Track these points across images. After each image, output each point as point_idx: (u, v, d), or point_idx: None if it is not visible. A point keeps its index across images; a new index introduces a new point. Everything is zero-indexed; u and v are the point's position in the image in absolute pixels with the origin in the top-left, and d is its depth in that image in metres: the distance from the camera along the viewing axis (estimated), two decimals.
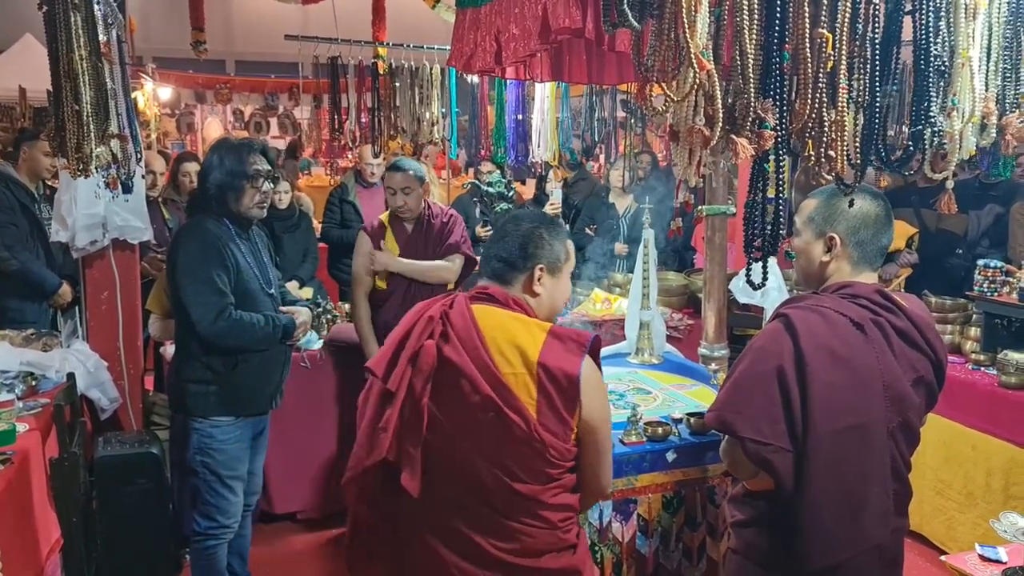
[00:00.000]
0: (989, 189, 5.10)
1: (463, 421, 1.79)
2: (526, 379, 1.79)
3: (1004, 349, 3.79)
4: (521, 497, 1.80)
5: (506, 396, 1.77)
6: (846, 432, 1.87)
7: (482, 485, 1.79)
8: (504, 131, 5.32)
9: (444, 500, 1.82)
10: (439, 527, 1.83)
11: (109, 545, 3.40)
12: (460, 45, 3.29)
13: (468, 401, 1.79)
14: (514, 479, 1.79)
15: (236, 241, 3.00)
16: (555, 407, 1.79)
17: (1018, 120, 1.85)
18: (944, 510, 3.92)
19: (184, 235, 2.96)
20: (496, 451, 1.78)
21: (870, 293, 1.97)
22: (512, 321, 1.87)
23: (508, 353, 1.80)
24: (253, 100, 11.07)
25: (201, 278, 2.86)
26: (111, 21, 2.72)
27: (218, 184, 2.93)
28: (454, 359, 1.79)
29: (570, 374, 1.79)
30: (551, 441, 1.79)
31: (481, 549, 1.81)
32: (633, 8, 1.52)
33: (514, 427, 1.76)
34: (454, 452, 1.80)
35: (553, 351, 1.81)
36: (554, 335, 1.84)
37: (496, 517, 1.81)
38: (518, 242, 1.97)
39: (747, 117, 1.54)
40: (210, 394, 2.99)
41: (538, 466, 1.81)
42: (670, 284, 5.12)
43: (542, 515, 1.83)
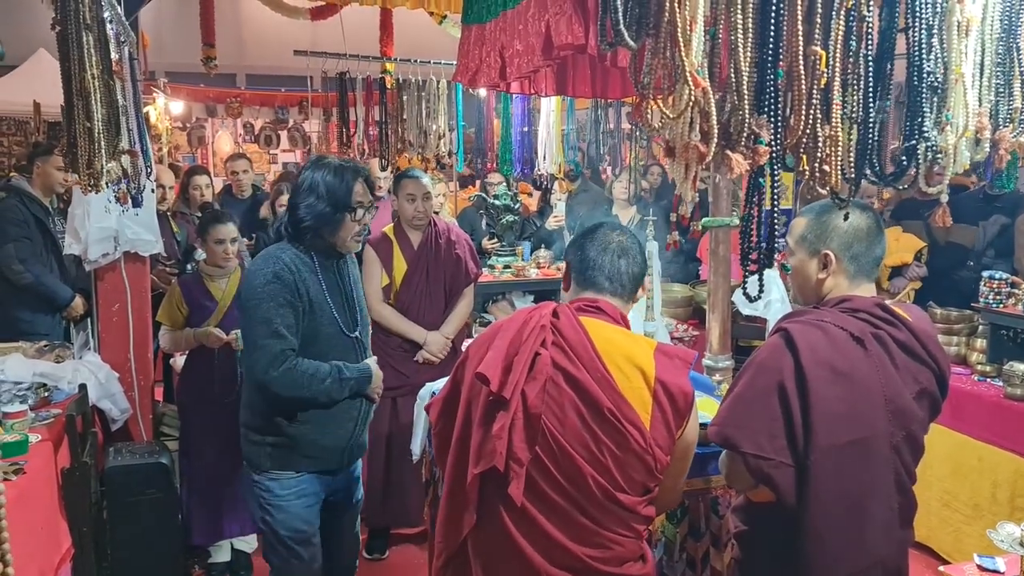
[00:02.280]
0: (994, 200, 5.10)
1: (575, 432, 1.79)
2: (644, 394, 1.81)
3: (1010, 360, 3.79)
4: (621, 507, 1.82)
5: (625, 409, 1.79)
6: (848, 447, 1.88)
7: (586, 494, 1.80)
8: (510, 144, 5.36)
9: (541, 505, 1.82)
10: (533, 532, 1.82)
11: (119, 555, 3.43)
12: (466, 61, 3.34)
13: (583, 412, 1.79)
14: (619, 489, 1.81)
15: (318, 275, 2.66)
16: (667, 422, 1.83)
17: (1011, 134, 1.87)
18: (951, 522, 3.91)
19: (255, 266, 2.64)
20: (606, 462, 1.79)
21: (870, 307, 1.98)
22: (622, 336, 1.89)
23: (625, 368, 1.82)
24: (264, 113, 11.15)
25: (258, 317, 2.55)
26: (123, 39, 2.78)
27: (316, 215, 2.61)
28: (570, 370, 1.80)
29: (687, 392, 1.84)
30: (659, 455, 1.83)
31: (572, 555, 1.82)
32: (629, 28, 1.56)
33: (631, 439, 1.78)
34: (562, 461, 1.80)
35: (667, 368, 1.84)
36: (662, 352, 1.88)
37: (593, 526, 1.82)
38: (638, 260, 2.01)
39: (742, 133, 1.57)
40: (266, 445, 2.70)
41: (642, 478, 1.84)
42: (675, 296, 5.14)
43: (634, 525, 1.87)
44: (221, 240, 3.79)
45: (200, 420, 3.83)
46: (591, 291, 1.98)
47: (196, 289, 3.84)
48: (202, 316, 3.80)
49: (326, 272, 2.69)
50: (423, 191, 4.02)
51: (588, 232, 2.05)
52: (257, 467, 2.71)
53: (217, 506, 3.84)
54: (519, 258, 5.58)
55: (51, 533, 2.89)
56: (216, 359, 3.78)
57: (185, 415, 3.91)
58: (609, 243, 1.99)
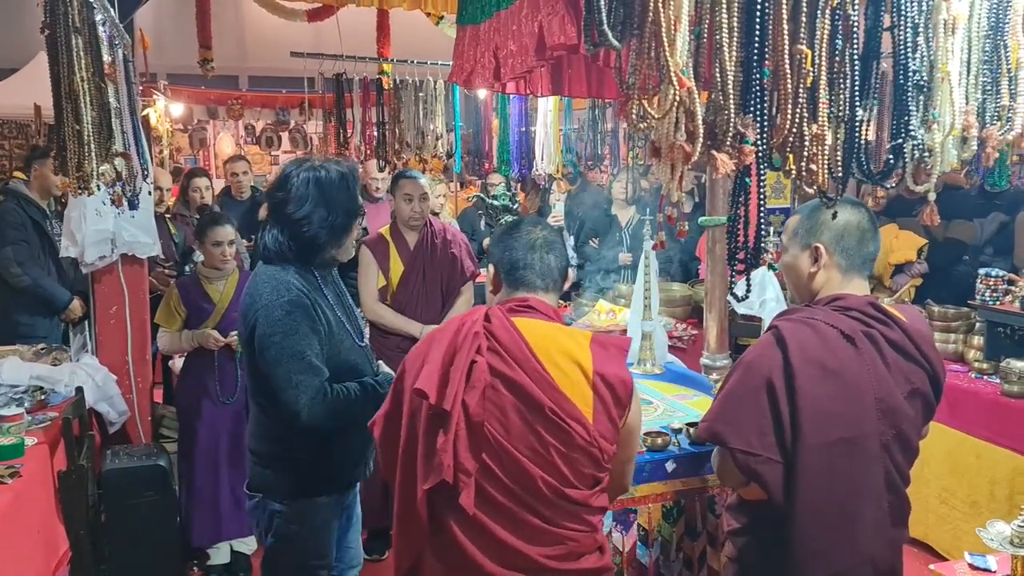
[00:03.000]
0: (993, 198, 5.09)
1: (519, 434, 1.80)
2: (583, 388, 1.82)
3: (1007, 358, 3.78)
4: (572, 503, 1.83)
5: (566, 406, 1.79)
6: (837, 444, 1.89)
7: (536, 495, 1.80)
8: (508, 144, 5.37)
9: (491, 511, 1.82)
10: (485, 540, 1.82)
11: (117, 558, 3.44)
12: (461, 61, 3.34)
13: (525, 414, 1.79)
14: (567, 485, 1.81)
15: (323, 292, 2.49)
16: (609, 413, 1.83)
17: (998, 133, 1.87)
18: (949, 519, 3.91)
19: (267, 298, 2.36)
20: (553, 460, 1.80)
21: (862, 305, 1.99)
22: (557, 332, 1.89)
23: (563, 364, 1.83)
24: (265, 115, 11.16)
25: (289, 352, 2.31)
26: (117, 42, 2.78)
27: (331, 229, 2.42)
28: (508, 373, 1.80)
29: (625, 380, 1.85)
30: (605, 446, 1.83)
31: (526, 557, 1.82)
32: (614, 28, 1.56)
33: (575, 435, 1.79)
34: (509, 465, 1.80)
35: (604, 359, 1.85)
36: (598, 343, 1.88)
37: (546, 526, 1.82)
38: (563, 253, 2.02)
39: (727, 133, 1.57)
40: (287, 472, 2.48)
41: (591, 470, 1.84)
42: (674, 295, 5.13)
43: (587, 519, 1.87)
44: (219, 242, 3.80)
45: (199, 422, 3.83)
46: (523, 290, 1.97)
47: (194, 291, 3.85)
48: (200, 318, 3.81)
49: (327, 287, 2.54)
50: (420, 192, 4.03)
51: (509, 231, 2.04)
52: (278, 495, 2.48)
53: (216, 508, 3.85)
54: None
55: (48, 536, 2.90)
56: (215, 361, 3.79)
57: (184, 417, 3.92)
58: (535, 240, 1.98)
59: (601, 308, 4.93)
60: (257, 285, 2.41)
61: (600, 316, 4.86)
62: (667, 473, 2.77)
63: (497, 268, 2.04)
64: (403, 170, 4.37)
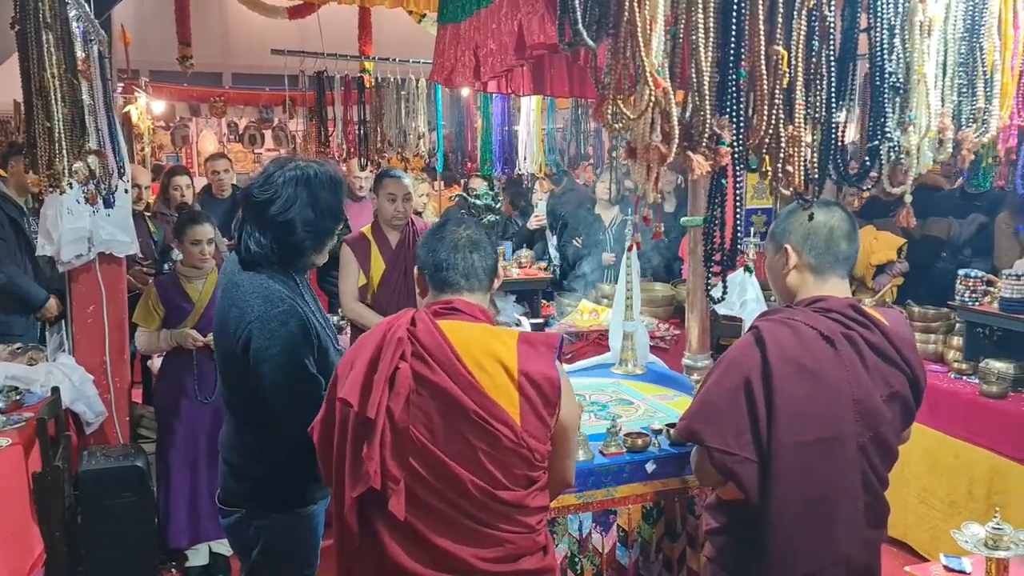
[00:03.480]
0: (973, 199, 5.12)
1: (446, 438, 1.79)
2: (509, 389, 1.80)
3: (986, 358, 3.81)
4: (506, 505, 1.81)
5: (491, 408, 1.77)
6: (813, 444, 1.89)
7: (467, 498, 1.79)
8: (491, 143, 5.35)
9: (425, 517, 1.81)
10: (420, 544, 1.82)
11: (94, 559, 3.40)
12: (441, 60, 3.32)
13: (451, 418, 1.78)
14: (499, 487, 1.80)
15: (304, 297, 2.39)
16: (537, 412, 1.82)
17: (974, 135, 1.87)
18: (928, 519, 3.93)
19: (259, 310, 2.23)
20: (482, 463, 1.78)
21: (843, 307, 1.99)
22: (482, 333, 1.87)
23: (487, 366, 1.81)
24: (248, 113, 11.10)
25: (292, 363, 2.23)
26: (92, 38, 2.75)
27: (316, 231, 2.33)
28: (432, 378, 1.78)
29: (551, 378, 1.82)
30: (535, 446, 1.82)
31: (464, 562, 1.81)
32: (589, 27, 1.55)
33: (502, 438, 1.77)
34: (437, 470, 1.79)
35: (529, 357, 1.83)
36: (525, 341, 1.86)
37: (480, 528, 1.81)
38: (489, 252, 1.99)
39: (703, 134, 1.56)
40: (279, 484, 2.38)
41: (522, 471, 1.83)
42: (656, 295, 5.14)
43: (523, 520, 1.85)
44: (197, 241, 3.77)
45: (177, 422, 3.80)
46: (448, 292, 1.95)
47: (173, 290, 3.82)
48: (179, 317, 3.78)
49: (307, 291, 2.45)
50: (404, 192, 4.00)
51: (435, 232, 2.02)
52: (264, 509, 2.38)
53: (194, 509, 3.82)
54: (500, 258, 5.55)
55: (21, 538, 2.87)
56: (193, 360, 3.76)
57: (162, 417, 3.89)
58: (459, 240, 1.96)
59: (584, 308, 4.93)
60: (245, 296, 2.27)
61: (583, 316, 4.86)
62: (647, 474, 2.77)
63: (422, 270, 2.02)
64: (386, 169, 4.34)
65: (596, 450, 2.76)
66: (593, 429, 2.90)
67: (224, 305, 2.34)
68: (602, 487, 2.73)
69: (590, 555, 2.78)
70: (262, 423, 2.35)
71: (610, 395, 3.44)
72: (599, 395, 3.44)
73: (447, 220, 2.09)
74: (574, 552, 2.72)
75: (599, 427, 2.90)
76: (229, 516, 2.44)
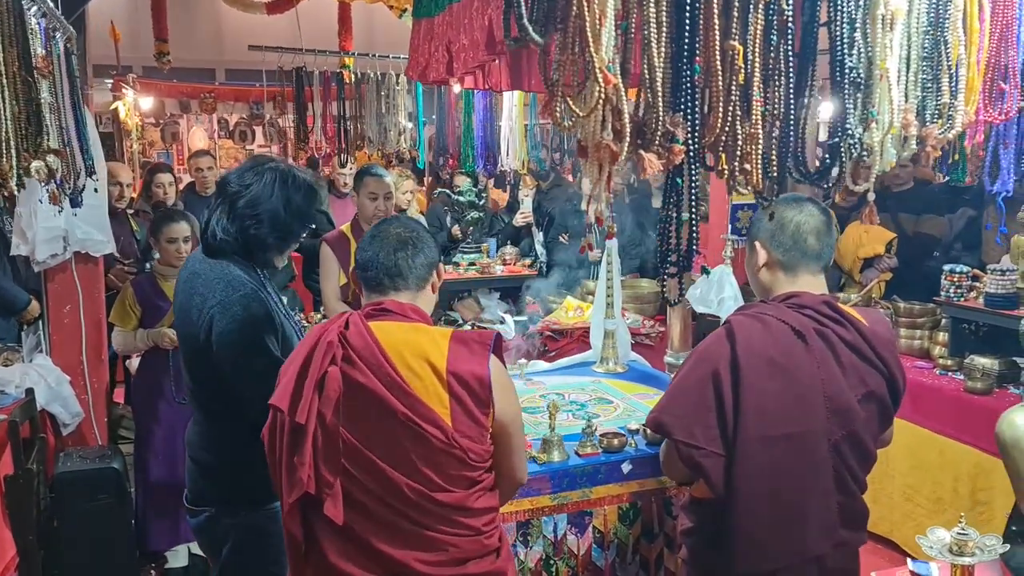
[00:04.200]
0: (961, 193, 5.07)
1: (377, 441, 1.78)
2: (437, 389, 1.78)
3: (971, 354, 3.78)
4: (445, 507, 1.80)
5: (420, 410, 1.76)
6: (780, 440, 1.87)
7: (404, 501, 1.78)
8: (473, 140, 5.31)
9: (365, 522, 1.80)
10: (363, 549, 1.81)
11: (70, 563, 3.38)
12: (416, 55, 3.29)
13: (381, 421, 1.77)
14: (436, 489, 1.78)
15: (267, 288, 2.41)
16: (469, 411, 1.80)
17: (938, 131, 1.83)
18: (913, 516, 3.90)
19: (222, 294, 2.26)
20: (416, 465, 1.77)
21: (816, 303, 1.96)
22: (413, 333, 1.85)
23: (415, 366, 1.79)
24: (239, 109, 11.03)
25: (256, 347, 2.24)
26: (58, 34, 2.70)
27: (284, 230, 2.36)
28: (361, 381, 1.77)
29: (480, 376, 1.79)
30: (469, 446, 1.80)
31: (407, 567, 1.79)
32: (536, 22, 1.51)
33: (432, 440, 1.76)
34: (372, 473, 1.78)
35: (460, 356, 1.81)
36: (457, 340, 1.84)
37: (420, 531, 1.80)
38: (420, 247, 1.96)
39: (656, 132, 1.52)
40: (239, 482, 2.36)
41: (459, 472, 1.81)
42: (642, 291, 5.10)
43: (466, 522, 1.83)
44: (174, 239, 3.74)
45: (155, 422, 3.77)
46: (377, 293, 1.94)
47: (150, 289, 3.79)
48: (156, 317, 3.75)
49: (269, 284, 2.47)
50: (385, 190, 3.97)
51: (370, 232, 2.01)
52: (233, 507, 2.37)
53: (174, 510, 3.77)
54: (484, 255, 5.52)
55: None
56: (170, 360, 3.73)
57: (139, 418, 3.86)
58: (387, 238, 1.94)
59: (569, 305, 4.90)
60: (206, 283, 2.29)
61: (568, 313, 4.83)
62: (623, 475, 2.74)
63: (355, 271, 2.03)
64: (368, 166, 4.29)
65: (572, 451, 2.73)
66: (569, 429, 2.87)
67: (185, 296, 2.35)
68: (577, 488, 2.70)
69: (565, 557, 2.75)
70: (229, 418, 2.35)
71: (590, 394, 3.41)
72: (578, 394, 3.41)
73: (385, 219, 2.08)
74: (549, 554, 2.70)
75: (576, 427, 2.87)
76: (198, 516, 2.44)
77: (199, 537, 2.55)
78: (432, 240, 2.01)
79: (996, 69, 1.92)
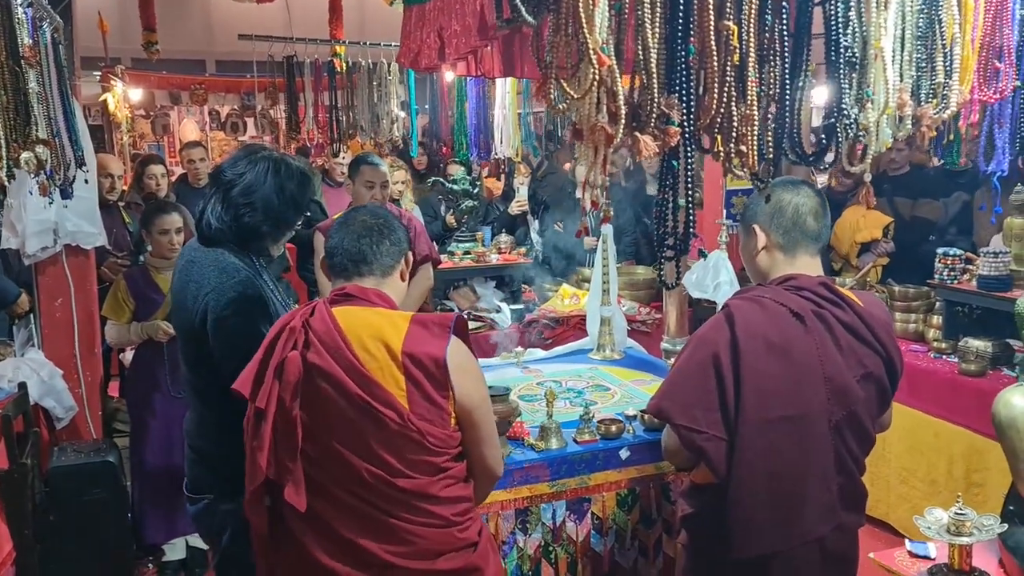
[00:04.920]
0: (956, 177, 5.07)
1: (336, 425, 1.78)
2: (393, 370, 1.78)
3: (965, 337, 3.78)
4: (406, 493, 1.79)
5: (374, 391, 1.76)
6: (781, 422, 1.86)
7: (365, 486, 1.77)
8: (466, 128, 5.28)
9: (331, 509, 1.80)
10: (331, 538, 1.80)
11: (67, 557, 3.36)
12: (408, 42, 3.26)
13: (338, 404, 1.77)
14: (396, 475, 1.78)
15: (263, 277, 2.40)
16: (426, 394, 1.79)
17: (933, 111, 1.82)
18: (909, 498, 3.92)
19: (215, 280, 2.26)
20: (373, 448, 1.77)
21: (814, 285, 1.96)
22: (374, 316, 1.86)
23: (372, 348, 1.79)
24: (230, 100, 10.96)
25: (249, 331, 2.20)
26: (44, 23, 2.67)
27: (278, 218, 2.36)
28: (319, 363, 1.77)
29: (436, 357, 1.79)
30: (427, 429, 1.79)
31: (375, 556, 1.79)
32: (528, 3, 1.49)
33: (387, 421, 1.75)
34: (332, 458, 1.78)
35: (417, 338, 1.81)
36: (417, 322, 1.84)
37: (384, 518, 1.79)
38: (386, 234, 1.97)
39: (651, 113, 1.51)
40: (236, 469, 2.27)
41: (420, 457, 1.80)
42: (638, 278, 5.10)
43: (433, 511, 1.82)
44: (166, 230, 3.71)
45: (150, 416, 3.75)
46: (342, 279, 1.95)
47: (143, 282, 3.76)
48: (150, 310, 3.73)
49: (266, 273, 2.45)
50: (382, 179, 3.96)
51: (340, 219, 2.03)
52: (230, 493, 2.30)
53: (170, 503, 3.76)
54: (479, 243, 5.50)
55: None
56: (165, 353, 3.71)
57: (134, 411, 3.84)
58: (352, 225, 1.96)
59: (565, 292, 4.90)
60: (201, 270, 2.29)
61: (564, 301, 4.83)
62: (621, 461, 2.74)
63: (323, 259, 2.03)
64: (364, 155, 4.27)
65: (570, 438, 2.73)
66: (567, 416, 2.87)
67: (180, 284, 2.36)
68: (575, 475, 2.70)
69: (564, 543, 2.76)
70: (225, 405, 2.27)
71: (587, 381, 3.41)
72: (576, 381, 3.41)
73: (358, 208, 2.09)
74: (548, 541, 2.70)
75: (573, 414, 2.87)
76: (197, 503, 2.45)
77: (198, 525, 2.55)
78: (402, 229, 2.02)
79: (990, 48, 1.91)
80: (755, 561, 1.91)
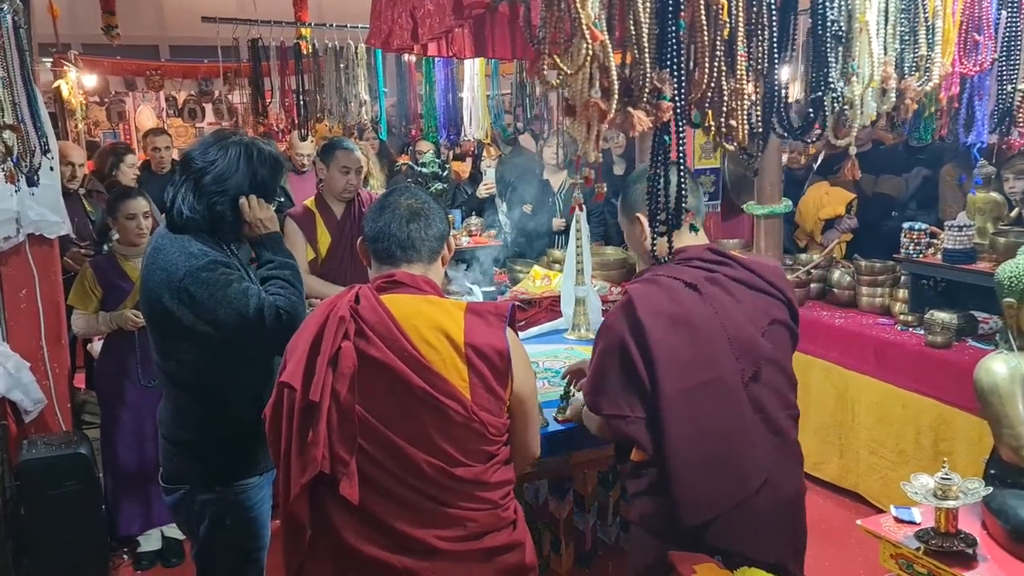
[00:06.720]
0: (917, 152, 5.18)
1: (395, 418, 1.73)
2: (456, 362, 1.75)
3: (931, 309, 3.87)
4: (463, 482, 1.77)
5: (439, 384, 1.73)
6: (698, 389, 1.93)
7: (423, 478, 1.74)
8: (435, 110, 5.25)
9: (384, 501, 1.76)
10: (377, 528, 1.76)
11: (40, 551, 3.30)
12: (378, 23, 3.22)
13: (398, 396, 1.73)
14: (455, 464, 1.76)
15: (236, 262, 2.39)
16: (489, 385, 1.77)
17: (916, 84, 1.86)
18: (878, 468, 4.01)
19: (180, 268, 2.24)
20: (434, 440, 1.74)
21: (701, 252, 2.05)
22: (427, 305, 1.81)
23: (432, 339, 1.75)
24: (187, 86, 10.73)
25: (221, 283, 2.23)
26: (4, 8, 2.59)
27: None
28: (377, 356, 1.72)
29: (500, 349, 1.77)
30: (488, 419, 1.78)
31: (425, 544, 1.76)
32: None
33: (452, 414, 1.73)
34: (389, 451, 1.74)
35: (477, 329, 1.78)
36: (473, 312, 1.81)
37: (438, 508, 1.77)
38: (432, 221, 1.91)
39: (644, 88, 1.51)
40: (224, 451, 2.37)
41: (478, 446, 1.79)
42: (608, 258, 5.12)
43: (483, 496, 1.81)
44: (133, 215, 3.64)
45: (121, 406, 3.69)
46: (388, 265, 1.89)
47: (110, 270, 3.69)
48: (117, 298, 3.65)
49: (236, 259, 2.42)
50: (356, 164, 3.92)
51: (379, 201, 1.96)
52: (208, 483, 2.37)
53: (144, 494, 3.73)
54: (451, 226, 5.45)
55: None
56: (135, 342, 3.64)
57: (104, 402, 3.77)
58: (397, 209, 1.90)
59: (536, 274, 4.89)
60: (167, 257, 2.26)
61: (535, 282, 4.82)
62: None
63: (363, 242, 1.96)
64: (337, 139, 4.20)
65: (550, 417, 2.74)
66: (547, 396, 2.88)
67: (148, 271, 2.31)
68: (557, 454, 2.71)
69: (547, 522, 2.78)
70: (201, 392, 2.35)
71: (563, 361, 3.42)
72: (552, 361, 3.42)
73: (393, 189, 2.02)
74: (531, 519, 2.71)
75: (553, 394, 2.88)
76: (173, 493, 2.43)
77: (175, 515, 2.53)
78: (442, 212, 1.98)
79: (971, 21, 1.95)
80: (703, 527, 1.94)
